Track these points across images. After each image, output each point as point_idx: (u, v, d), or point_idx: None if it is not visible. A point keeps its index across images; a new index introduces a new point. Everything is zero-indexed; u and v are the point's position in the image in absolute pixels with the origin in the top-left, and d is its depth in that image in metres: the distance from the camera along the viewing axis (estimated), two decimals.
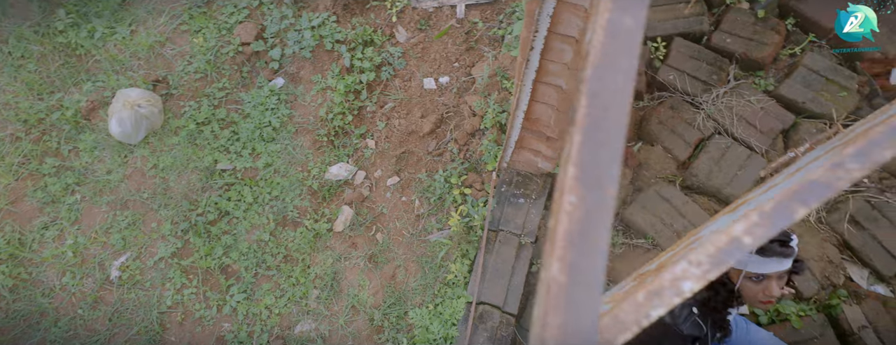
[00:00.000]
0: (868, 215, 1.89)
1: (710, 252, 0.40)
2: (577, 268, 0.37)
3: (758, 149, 2.11)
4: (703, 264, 0.39)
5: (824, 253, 1.85)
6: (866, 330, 1.67)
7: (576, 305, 0.36)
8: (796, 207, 0.40)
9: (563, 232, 0.38)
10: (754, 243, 0.40)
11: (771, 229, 0.40)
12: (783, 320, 1.71)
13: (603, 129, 0.41)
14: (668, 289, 0.39)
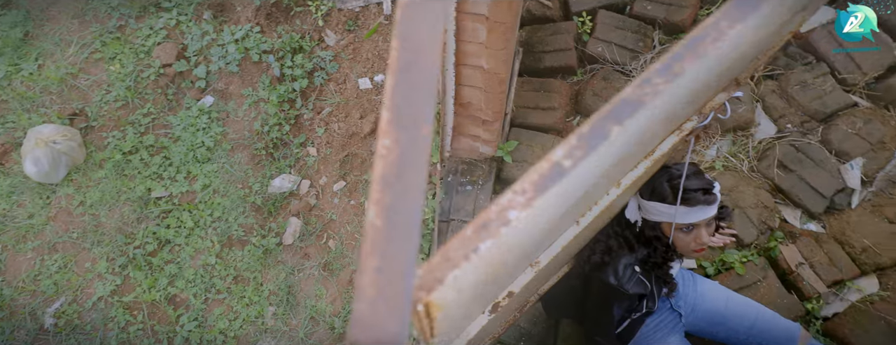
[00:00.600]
0: (794, 158, 1.98)
1: (533, 179, 0.39)
2: (394, 210, 0.36)
3: None
4: (527, 192, 0.39)
5: (759, 200, 1.93)
6: (803, 266, 1.74)
7: (393, 247, 0.35)
8: (610, 126, 0.40)
9: (379, 176, 0.37)
10: (574, 165, 0.39)
11: (588, 151, 0.40)
12: (728, 269, 1.77)
13: (415, 71, 0.40)
14: (494, 221, 0.38)
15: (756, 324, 1.53)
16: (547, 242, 0.61)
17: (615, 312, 1.45)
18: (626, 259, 1.40)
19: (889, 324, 1.60)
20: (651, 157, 1.06)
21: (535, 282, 1.15)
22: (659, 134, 0.65)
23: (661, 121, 0.54)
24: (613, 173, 0.62)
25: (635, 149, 0.59)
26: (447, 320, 0.60)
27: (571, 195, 0.45)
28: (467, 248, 0.37)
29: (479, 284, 0.51)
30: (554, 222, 0.51)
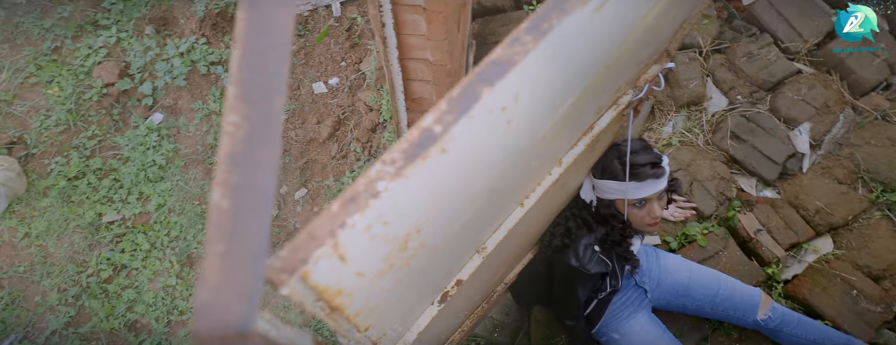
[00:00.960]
0: (745, 128, 2.02)
1: (403, 148, 0.37)
2: (241, 190, 0.33)
3: None
4: (397, 161, 0.36)
5: (716, 172, 1.96)
6: (761, 233, 1.77)
7: (242, 229, 0.32)
8: (481, 88, 0.38)
9: (225, 155, 0.34)
10: (444, 131, 0.37)
11: (459, 115, 0.38)
12: (691, 242, 1.79)
13: (262, 38, 0.37)
14: (362, 193, 0.35)
15: (719, 293, 1.55)
16: (451, 217, 0.59)
17: (580, 293, 1.44)
18: (585, 240, 1.39)
19: (845, 280, 1.64)
20: (590, 133, 1.06)
21: (488, 270, 1.13)
22: (559, 100, 0.64)
23: (549, 83, 0.52)
24: (516, 141, 0.60)
25: (537, 113, 0.57)
26: (367, 311, 0.57)
27: (455, 163, 0.43)
28: (334, 223, 0.35)
29: (376, 265, 0.48)
30: (444, 194, 0.49)
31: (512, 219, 1.00)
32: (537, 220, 1.28)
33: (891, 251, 1.69)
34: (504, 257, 1.25)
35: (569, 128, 0.85)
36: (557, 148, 0.91)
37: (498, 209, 0.87)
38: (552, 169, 1.03)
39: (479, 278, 1.12)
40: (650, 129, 2.18)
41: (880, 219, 1.78)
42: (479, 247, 0.97)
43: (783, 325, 1.51)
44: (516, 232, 1.10)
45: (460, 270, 0.95)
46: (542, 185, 1.02)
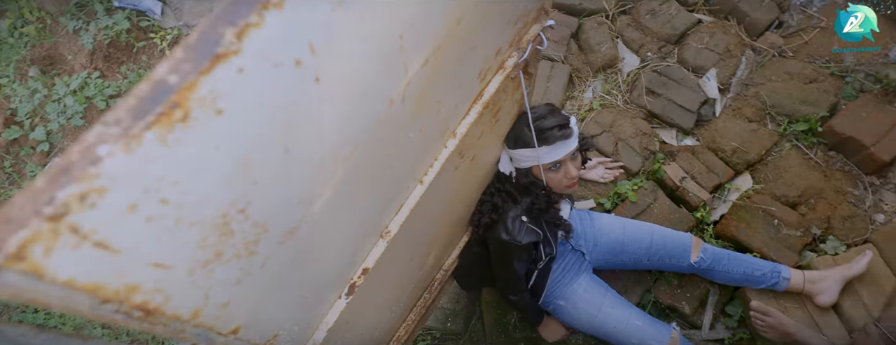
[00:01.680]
0: (658, 83, 2.07)
1: (130, 105, 0.31)
2: None
3: (557, 58, 2.23)
4: (122, 121, 0.31)
5: (637, 129, 2.00)
6: (686, 180, 1.82)
7: None
8: (223, 29, 0.34)
9: None
10: (182, 81, 0.32)
11: (198, 62, 0.33)
12: (623, 200, 1.81)
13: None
14: (79, 161, 0.30)
15: (653, 243, 1.58)
16: (291, 195, 0.54)
17: (517, 266, 1.43)
18: (512, 212, 1.38)
19: (766, 212, 1.71)
20: (480, 100, 1.03)
21: (405, 256, 1.09)
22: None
23: (364, 34, 0.48)
24: (354, 106, 0.56)
25: (367, 71, 0.53)
26: (215, 310, 0.52)
27: (250, 128, 0.38)
28: (39, 201, 0.29)
29: (187, 254, 0.43)
30: (256, 166, 0.44)
31: (412, 198, 0.96)
32: (454, 198, 1.25)
33: (802, 178, 1.78)
34: (425, 241, 1.22)
35: (440, 93, 0.82)
36: (440, 118, 0.88)
37: (384, 187, 0.83)
38: (447, 141, 1.00)
39: (394, 266, 1.07)
40: (572, 97, 2.20)
41: (790, 150, 1.87)
42: (381, 231, 0.92)
43: (715, 263, 1.56)
44: (424, 212, 1.07)
45: (365, 257, 0.91)
46: (440, 159, 0.99)
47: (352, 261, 0.87)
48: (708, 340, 1.62)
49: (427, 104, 0.79)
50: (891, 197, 1.73)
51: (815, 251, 1.66)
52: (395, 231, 0.93)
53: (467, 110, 1.02)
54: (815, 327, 1.49)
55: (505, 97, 1.19)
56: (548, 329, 1.61)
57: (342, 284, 0.87)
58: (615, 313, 1.48)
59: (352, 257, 0.87)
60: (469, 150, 1.17)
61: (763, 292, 1.56)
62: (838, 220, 1.69)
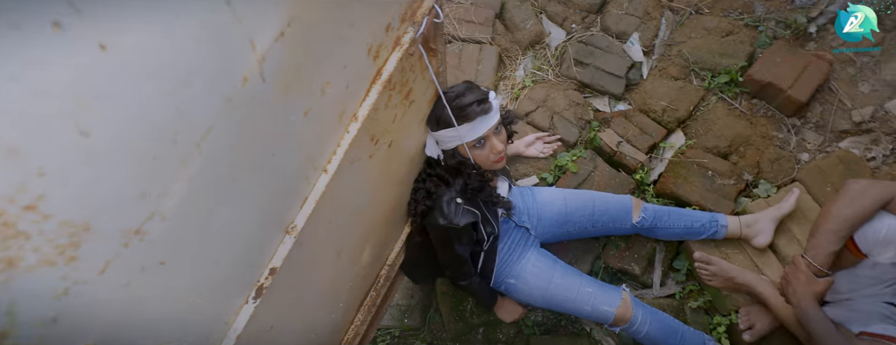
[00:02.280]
0: (585, 52, 2.09)
1: None
2: None
3: (485, 40, 2.21)
4: None
5: (571, 100, 2.00)
6: (622, 144, 1.84)
7: None
8: None
9: None
10: None
11: None
12: (564, 172, 1.81)
13: None
14: None
15: (595, 210, 1.58)
16: (104, 187, 0.47)
17: (460, 250, 1.40)
18: (446, 196, 1.35)
19: (700, 165, 1.74)
20: (380, 79, 0.99)
21: (322, 252, 1.03)
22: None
23: None
24: (180, 88, 0.51)
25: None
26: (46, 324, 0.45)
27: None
28: None
29: None
30: (38, 154, 0.38)
31: (317, 189, 0.91)
32: (379, 188, 1.20)
33: (730, 128, 1.82)
34: (354, 234, 1.17)
35: (319, 72, 0.77)
36: (329, 99, 0.83)
37: (274, 178, 0.77)
38: (349, 126, 0.95)
39: (316, 263, 1.02)
40: (504, 77, 2.19)
41: (716, 102, 1.91)
42: (286, 226, 0.87)
43: (657, 221, 1.57)
44: (340, 204, 1.02)
45: (270, 256, 0.85)
46: (343, 145, 0.94)
47: (253, 261, 0.81)
48: (660, 296, 1.63)
49: (303, 84, 0.74)
50: (812, 136, 1.80)
51: (750, 197, 1.70)
52: (302, 225, 0.88)
53: (366, 91, 0.97)
54: (755, 269, 1.52)
55: (412, 77, 1.15)
56: (504, 310, 1.59)
57: (246, 286, 0.81)
58: (566, 283, 1.47)
59: (252, 257, 0.81)
60: (383, 135, 1.13)
61: (705, 243, 1.59)
62: (767, 164, 1.74)
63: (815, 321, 1.13)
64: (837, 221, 1.15)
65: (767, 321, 1.41)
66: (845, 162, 1.64)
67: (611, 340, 1.60)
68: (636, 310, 1.42)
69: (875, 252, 1.16)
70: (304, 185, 0.88)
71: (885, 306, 1.24)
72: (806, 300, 1.16)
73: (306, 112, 0.78)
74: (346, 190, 1.04)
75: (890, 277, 1.21)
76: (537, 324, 1.63)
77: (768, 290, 1.39)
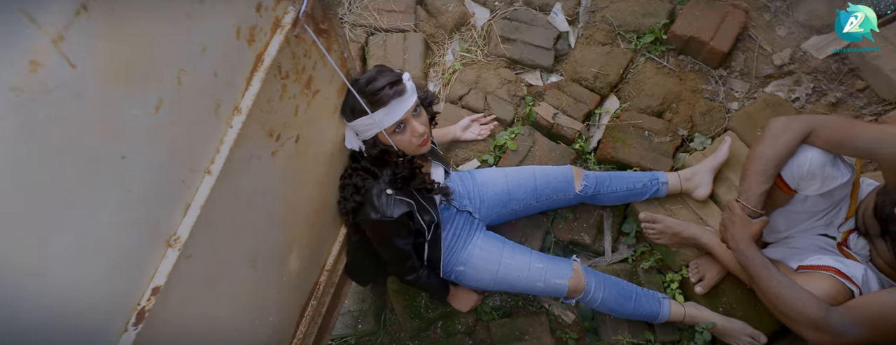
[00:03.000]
0: (511, 28, 2.04)
1: None
2: None
3: (408, 28, 2.14)
4: None
5: (502, 78, 1.96)
6: (557, 115, 1.80)
7: None
8: None
9: None
10: None
11: None
12: (505, 151, 1.76)
13: None
14: None
15: (537, 184, 1.53)
16: None
17: (400, 244, 1.32)
18: (376, 189, 1.27)
19: (636, 127, 1.72)
20: (262, 66, 0.90)
21: (226, 261, 0.93)
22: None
23: None
24: None
25: None
26: None
27: None
28: None
29: None
30: None
31: (202, 193, 0.81)
32: (294, 188, 1.10)
33: (661, 85, 1.82)
34: (272, 240, 1.07)
35: (165, 57, 0.67)
36: (190, 91, 0.74)
37: (130, 184, 0.67)
38: (232, 120, 0.86)
39: (223, 275, 0.92)
40: (434, 63, 2.13)
41: (645, 63, 1.90)
42: (167, 239, 0.77)
43: (599, 187, 1.54)
44: (235, 207, 0.92)
45: (152, 275, 0.75)
46: (227, 142, 0.84)
47: (129, 282, 0.71)
48: (613, 262, 1.60)
49: (138, 71, 0.64)
50: (738, 84, 1.81)
51: (687, 151, 1.70)
52: (187, 236, 0.78)
53: (247, 80, 0.88)
54: (699, 221, 1.51)
55: (309, 64, 1.07)
56: (458, 299, 1.53)
57: (122, 313, 0.71)
58: (515, 263, 1.41)
59: (126, 278, 0.71)
60: (286, 129, 1.04)
61: (649, 203, 1.57)
62: (699, 117, 1.74)
63: (752, 262, 1.12)
64: (762, 161, 1.13)
65: (716, 271, 1.40)
66: (771, 105, 1.66)
67: (570, 313, 1.56)
68: (588, 279, 1.38)
69: (803, 186, 1.16)
70: (181, 190, 0.78)
71: (820, 238, 1.24)
72: (743, 242, 1.14)
73: (157, 105, 0.68)
74: (246, 192, 0.95)
75: (821, 208, 1.22)
76: (495, 308, 1.57)
77: (712, 239, 1.38)
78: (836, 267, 1.09)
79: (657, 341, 1.45)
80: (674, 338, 1.46)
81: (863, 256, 1.20)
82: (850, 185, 1.19)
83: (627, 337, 1.45)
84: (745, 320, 1.40)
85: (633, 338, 1.45)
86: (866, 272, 1.10)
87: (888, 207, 1.04)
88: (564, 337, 1.52)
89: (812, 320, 1.01)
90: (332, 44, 1.13)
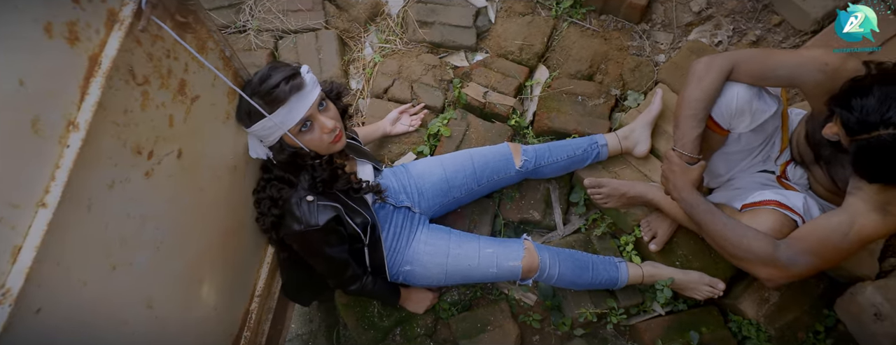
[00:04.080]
0: (427, 11, 1.94)
1: None
2: None
3: (318, 25, 2.00)
4: None
5: (426, 64, 1.85)
6: (488, 94, 1.72)
7: None
8: None
9: None
10: None
11: None
12: (440, 139, 1.66)
13: None
14: None
15: (475, 167, 1.44)
16: None
17: (333, 253, 1.20)
18: (294, 198, 1.14)
19: (568, 93, 1.66)
20: (100, 71, 0.75)
21: (73, 316, 0.78)
22: None
23: None
24: None
25: None
26: None
27: None
28: None
29: None
30: None
31: (35, 233, 0.66)
32: (178, 213, 0.95)
33: (587, 48, 1.76)
34: (159, 278, 0.92)
35: None
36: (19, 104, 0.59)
37: None
38: (68, 138, 0.71)
39: (76, 330, 0.76)
40: (353, 60, 2.00)
41: (568, 28, 1.84)
42: None
43: (539, 160, 1.46)
44: (100, 244, 0.77)
45: None
46: (64, 166, 0.69)
47: None
48: (567, 235, 1.53)
49: None
50: (662, 36, 1.78)
51: (622, 110, 1.65)
52: (19, 287, 0.63)
53: (81, 88, 0.73)
54: (644, 178, 1.46)
55: (178, 66, 0.93)
56: (412, 301, 1.42)
57: None
58: (464, 252, 1.31)
59: None
60: (159, 144, 0.89)
61: (592, 168, 1.50)
62: (629, 74, 1.69)
63: (697, 208, 1.07)
64: (690, 105, 1.08)
65: (667, 226, 1.35)
66: (696, 52, 1.63)
67: (531, 295, 1.48)
68: (542, 256, 1.29)
69: (734, 124, 1.12)
70: (3, 232, 0.63)
71: (760, 175, 1.21)
72: (685, 190, 1.09)
73: None
74: (117, 223, 0.80)
75: (756, 145, 1.18)
76: (453, 304, 1.47)
77: (658, 194, 1.32)
78: (776, 199, 1.06)
79: (620, 306, 1.39)
80: (636, 301, 1.41)
81: (802, 186, 1.19)
82: (779, 116, 1.16)
83: (590, 308, 1.38)
84: (702, 269, 1.37)
85: (596, 308, 1.38)
86: (806, 200, 1.08)
87: (817, 132, 1.01)
88: (528, 320, 1.43)
89: (760, 257, 0.98)
90: (204, 41, 0.99)
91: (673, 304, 1.42)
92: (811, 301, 1.38)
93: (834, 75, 0.96)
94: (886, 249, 1.44)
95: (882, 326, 1.20)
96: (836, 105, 0.87)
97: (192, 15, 0.93)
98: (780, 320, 1.36)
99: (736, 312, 1.41)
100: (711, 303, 1.43)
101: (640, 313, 1.44)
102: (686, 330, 1.37)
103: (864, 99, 0.82)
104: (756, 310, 1.36)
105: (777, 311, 1.36)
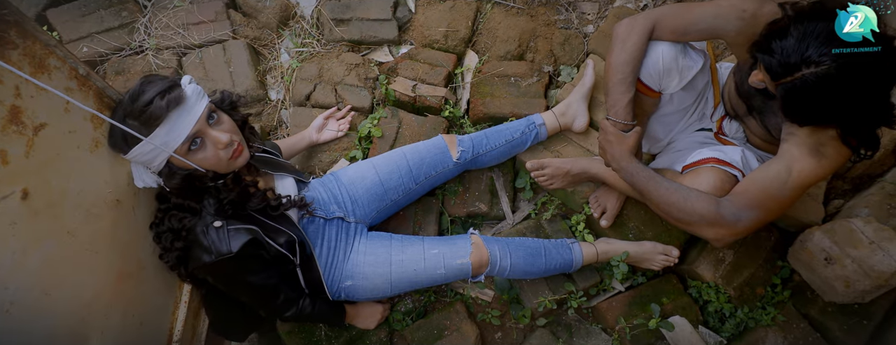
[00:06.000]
0: (341, 8, 1.82)
1: None
2: None
3: (225, 36, 1.84)
4: None
5: (348, 63, 1.73)
6: (417, 87, 1.61)
7: None
8: None
9: None
10: None
11: None
12: (372, 141, 1.53)
13: None
14: None
15: (410, 165, 1.33)
16: None
17: (258, 280, 1.06)
18: (199, 227, 0.99)
19: (500, 76, 1.58)
20: None
21: None
22: None
23: None
24: None
25: None
26: None
27: None
28: None
29: None
30: None
31: None
32: (42, 266, 0.80)
33: (514, 27, 1.69)
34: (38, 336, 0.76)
35: None
36: None
37: None
38: None
39: None
40: (269, 69, 1.85)
41: (492, 9, 1.77)
42: None
43: (477, 148, 1.37)
44: None
45: None
46: None
47: None
48: (518, 223, 1.45)
49: None
50: (588, 6, 1.73)
51: (558, 87, 1.58)
52: None
53: None
54: (587, 154, 1.39)
55: (5, 91, 0.77)
56: (361, 317, 1.30)
57: None
58: (407, 257, 1.20)
59: None
60: None
61: (534, 150, 1.43)
62: (559, 48, 1.63)
63: (637, 176, 1.01)
64: (618, 70, 1.02)
65: (614, 199, 1.29)
66: (622, 18, 1.57)
67: (488, 291, 1.38)
68: (491, 248, 1.20)
69: (664, 84, 1.07)
70: None
71: (698, 133, 1.17)
72: (624, 159, 1.03)
73: None
74: None
75: (689, 103, 1.14)
76: (407, 313, 1.36)
77: (600, 168, 1.26)
78: (714, 156, 1.02)
79: (579, 289, 1.33)
80: (594, 281, 1.34)
81: (740, 139, 1.15)
82: (708, 71, 1.12)
83: (549, 296, 1.30)
84: (655, 238, 1.32)
85: (554, 295, 1.30)
86: (744, 153, 1.04)
87: (745, 82, 0.96)
88: (487, 318, 1.34)
89: (705, 218, 0.93)
90: (41, 58, 0.84)
91: (632, 278, 1.37)
92: (765, 255, 1.35)
93: (753, 21, 0.93)
94: (829, 191, 1.43)
95: (833, 269, 1.18)
96: (757, 51, 0.83)
97: (14, 28, 0.78)
98: (738, 278, 1.32)
99: (694, 277, 1.37)
100: (670, 271, 1.39)
101: (600, 292, 1.37)
102: (647, 303, 1.31)
103: (782, 41, 0.78)
104: (713, 272, 1.32)
105: (733, 270, 1.33)
